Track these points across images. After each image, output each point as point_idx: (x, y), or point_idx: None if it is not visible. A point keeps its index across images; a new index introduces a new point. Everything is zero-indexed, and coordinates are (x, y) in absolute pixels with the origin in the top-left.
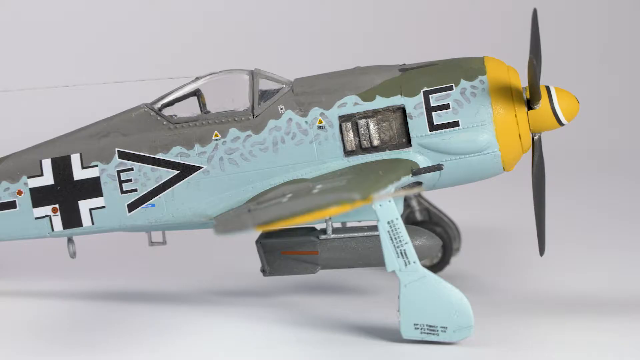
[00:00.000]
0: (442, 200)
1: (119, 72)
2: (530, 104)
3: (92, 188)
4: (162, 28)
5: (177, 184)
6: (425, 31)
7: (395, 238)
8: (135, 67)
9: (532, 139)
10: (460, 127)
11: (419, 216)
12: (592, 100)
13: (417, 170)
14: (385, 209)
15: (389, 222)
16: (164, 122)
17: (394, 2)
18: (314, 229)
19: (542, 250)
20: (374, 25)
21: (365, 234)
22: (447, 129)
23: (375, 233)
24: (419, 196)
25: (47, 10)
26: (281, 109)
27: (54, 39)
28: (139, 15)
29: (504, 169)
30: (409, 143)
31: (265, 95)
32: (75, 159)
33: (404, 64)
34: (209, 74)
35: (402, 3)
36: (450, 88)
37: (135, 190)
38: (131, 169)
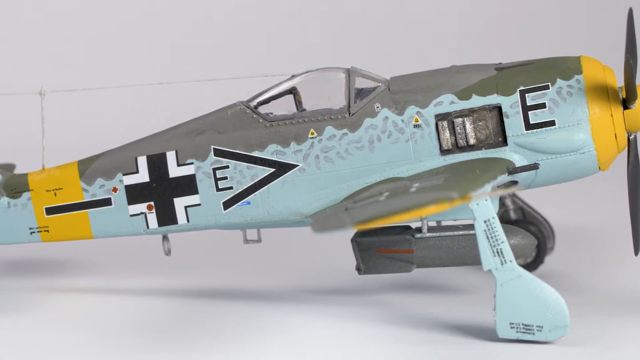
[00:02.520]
0: (536, 199)
1: (213, 69)
2: (626, 104)
3: (188, 185)
4: (256, 25)
5: (273, 182)
6: (514, 31)
7: (491, 237)
8: (229, 64)
9: (628, 138)
10: (556, 126)
11: (513, 215)
12: None
13: (513, 170)
14: (482, 208)
15: (485, 221)
16: (260, 120)
17: (481, 2)
18: (409, 227)
19: (637, 250)
20: (463, 25)
21: (461, 232)
22: (543, 128)
23: (471, 232)
24: (513, 195)
25: (136, 8)
26: (377, 107)
27: (148, 36)
28: (233, 13)
29: (599, 169)
30: (505, 142)
31: (361, 93)
32: (170, 157)
33: (500, 63)
34: (305, 72)
35: (490, 3)
36: (547, 87)
37: (231, 188)
38: (227, 167)
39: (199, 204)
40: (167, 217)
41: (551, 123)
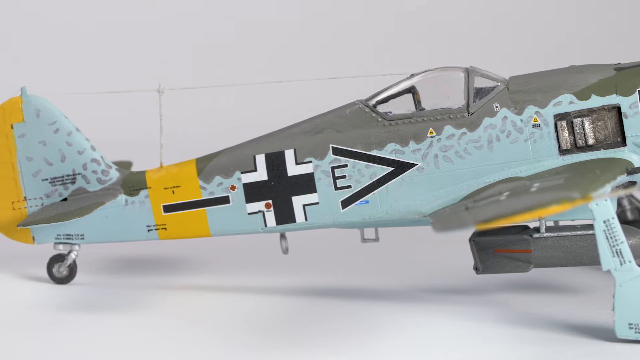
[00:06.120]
0: None
1: (331, 68)
2: None
3: (306, 184)
4: (375, 24)
5: (392, 181)
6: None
7: (611, 237)
8: (347, 63)
9: None
10: None
11: (630, 215)
12: None
13: (632, 170)
14: (602, 208)
15: (605, 221)
16: (379, 119)
17: (593, 2)
18: (526, 227)
19: None
20: (577, 25)
21: (579, 232)
22: None
23: (589, 232)
24: (629, 195)
25: (249, 7)
26: (496, 106)
27: (264, 34)
28: (352, 12)
29: None
30: (623, 142)
31: (480, 92)
32: (289, 155)
33: (619, 63)
34: (424, 71)
35: (601, 4)
36: None
37: (350, 186)
38: (345, 166)
39: (317, 203)
40: (285, 215)
41: None
